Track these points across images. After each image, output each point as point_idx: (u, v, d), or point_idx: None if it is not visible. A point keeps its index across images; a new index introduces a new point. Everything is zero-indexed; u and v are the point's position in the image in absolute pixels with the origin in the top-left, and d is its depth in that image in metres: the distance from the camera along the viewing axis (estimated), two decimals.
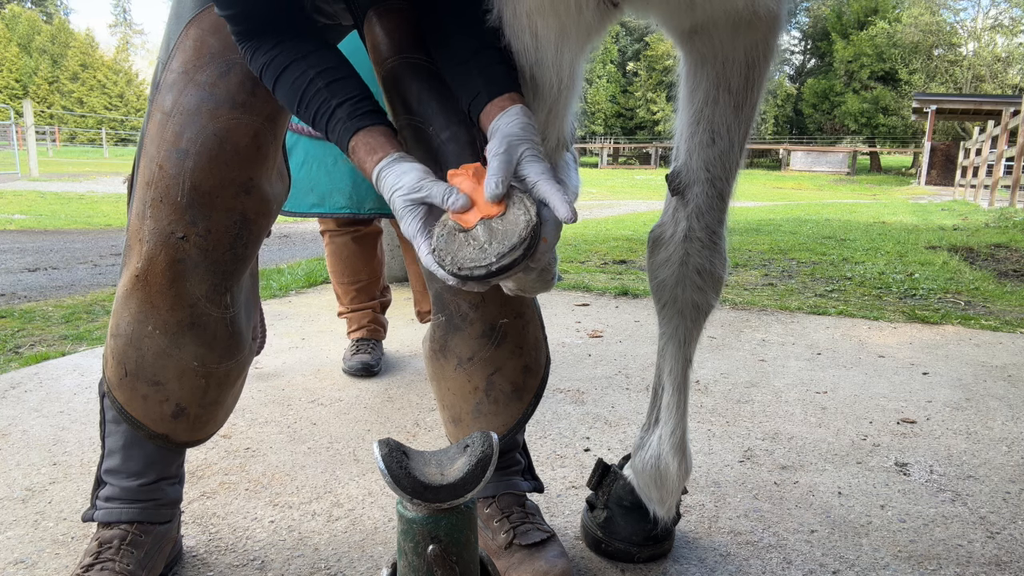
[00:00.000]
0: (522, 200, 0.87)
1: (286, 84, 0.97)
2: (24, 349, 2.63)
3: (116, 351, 1.13)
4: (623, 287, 3.82)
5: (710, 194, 1.12)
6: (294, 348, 2.65)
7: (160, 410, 1.14)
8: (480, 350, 1.18)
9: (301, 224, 7.57)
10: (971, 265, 4.98)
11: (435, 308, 1.21)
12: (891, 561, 1.32)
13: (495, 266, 0.84)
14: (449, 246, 0.88)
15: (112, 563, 1.11)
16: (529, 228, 0.84)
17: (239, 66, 1.07)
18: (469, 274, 0.85)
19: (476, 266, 0.85)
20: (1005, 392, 2.27)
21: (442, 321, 1.20)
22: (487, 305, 1.16)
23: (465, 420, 1.23)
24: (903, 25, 37.36)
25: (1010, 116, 13.40)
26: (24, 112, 16.61)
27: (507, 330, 1.18)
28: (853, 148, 35.24)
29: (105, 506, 1.18)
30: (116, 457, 1.18)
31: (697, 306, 1.18)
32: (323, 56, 0.99)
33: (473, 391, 1.20)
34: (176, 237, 1.07)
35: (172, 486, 1.23)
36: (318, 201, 2.14)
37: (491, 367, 1.19)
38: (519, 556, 1.21)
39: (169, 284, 1.08)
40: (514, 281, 0.98)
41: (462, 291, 1.15)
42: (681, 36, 1.09)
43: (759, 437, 1.88)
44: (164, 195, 1.06)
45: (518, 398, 1.22)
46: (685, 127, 1.12)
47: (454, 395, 1.23)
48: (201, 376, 1.14)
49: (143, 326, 1.10)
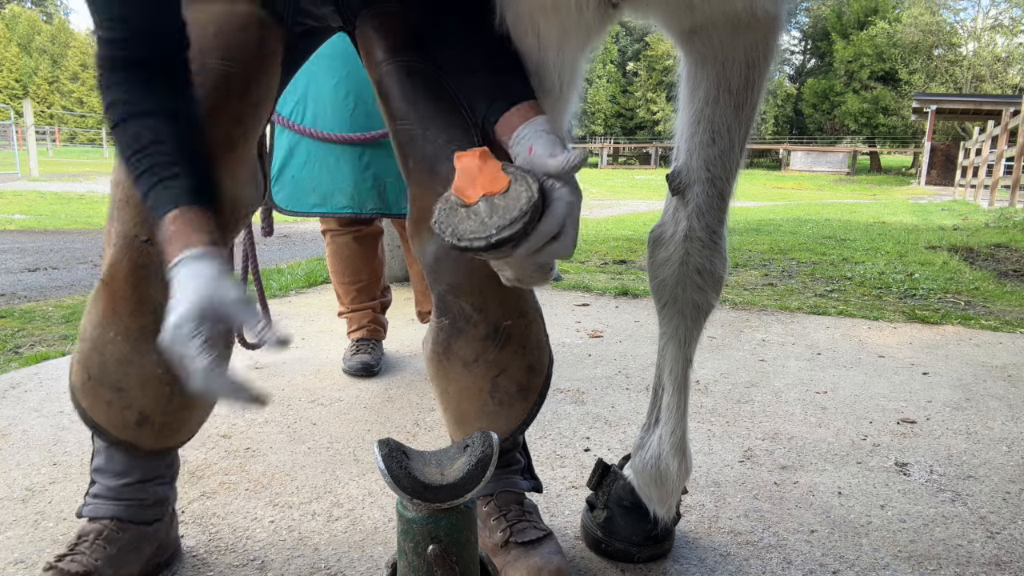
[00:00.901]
0: (524, 178, 0.87)
1: (132, 128, 0.96)
2: (24, 349, 2.63)
3: (81, 355, 1.11)
4: (623, 287, 3.82)
5: (710, 194, 1.13)
6: (294, 348, 2.65)
7: (122, 417, 1.12)
8: (484, 352, 1.17)
9: (301, 224, 7.58)
10: (971, 265, 4.98)
11: (437, 311, 1.19)
12: (891, 561, 1.32)
13: (495, 238, 0.84)
14: (450, 219, 0.88)
15: (82, 556, 1.11)
16: (530, 203, 0.84)
17: (212, 70, 1.06)
18: (469, 244, 0.85)
19: (476, 237, 0.85)
20: (1005, 392, 2.27)
21: (445, 324, 1.18)
22: (490, 307, 1.15)
23: (470, 422, 1.23)
24: (903, 25, 37.36)
25: (1010, 116, 13.40)
26: (24, 112, 16.61)
27: (511, 331, 1.18)
28: (853, 148, 35.24)
29: (92, 502, 1.19)
30: (101, 456, 1.18)
31: (697, 306, 1.18)
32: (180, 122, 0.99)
33: (478, 393, 1.19)
34: (140, 240, 1.03)
35: (159, 486, 1.21)
36: (320, 201, 2.15)
37: (496, 369, 1.18)
38: (515, 553, 1.21)
39: (132, 289, 1.05)
40: (513, 270, 0.98)
41: (465, 293, 1.14)
42: (681, 36, 1.09)
43: (759, 437, 1.88)
44: (130, 196, 1.03)
45: (523, 398, 1.22)
46: (685, 127, 1.12)
47: (458, 397, 1.22)
48: (165, 384, 1.10)
49: (106, 331, 1.08)
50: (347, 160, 2.10)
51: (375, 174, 2.10)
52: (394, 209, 2.14)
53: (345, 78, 2.06)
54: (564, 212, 0.88)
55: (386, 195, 2.12)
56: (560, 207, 0.87)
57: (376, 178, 2.11)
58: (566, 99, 1.11)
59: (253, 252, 1.95)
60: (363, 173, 2.10)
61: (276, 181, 2.15)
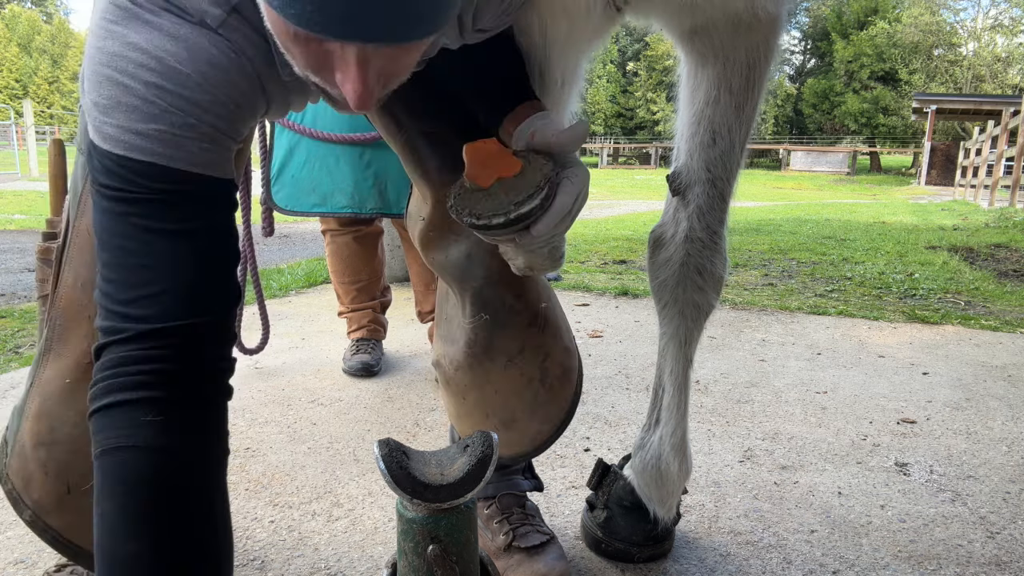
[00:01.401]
0: (536, 158, 0.88)
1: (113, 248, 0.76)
2: (24, 349, 2.63)
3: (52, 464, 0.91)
4: (623, 287, 3.82)
5: (711, 194, 1.13)
6: (294, 348, 2.65)
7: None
8: (529, 339, 1.14)
9: (301, 224, 7.57)
10: (971, 265, 4.98)
11: (474, 308, 1.14)
12: (891, 561, 1.32)
13: (514, 213, 0.84)
14: (467, 201, 0.89)
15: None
16: (546, 180, 0.85)
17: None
18: (488, 223, 0.86)
19: (496, 213, 0.85)
20: (1005, 392, 2.27)
21: (485, 320, 1.13)
22: (528, 294, 1.14)
23: (521, 418, 1.18)
24: (903, 25, 37.34)
25: (1010, 116, 13.39)
26: (24, 112, 16.62)
27: (547, 314, 1.16)
28: (853, 148, 35.22)
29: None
30: None
31: (698, 306, 1.19)
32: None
33: (527, 384, 1.16)
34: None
35: None
36: (320, 201, 2.14)
37: (541, 354, 1.16)
38: (518, 558, 1.21)
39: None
40: (525, 256, 0.97)
41: (504, 283, 1.11)
42: (682, 37, 1.09)
43: (759, 437, 1.88)
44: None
45: (568, 380, 1.20)
46: (686, 127, 1.12)
47: (505, 395, 1.17)
48: None
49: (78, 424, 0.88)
50: (347, 160, 2.10)
51: (375, 174, 2.10)
52: (394, 209, 2.14)
53: None
54: (578, 187, 0.88)
55: (386, 195, 2.12)
56: (574, 181, 0.88)
57: (376, 178, 2.11)
58: (567, 97, 1.11)
59: (253, 252, 1.95)
60: (363, 173, 2.10)
61: (276, 181, 2.15)
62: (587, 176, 0.91)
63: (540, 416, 1.18)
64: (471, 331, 1.15)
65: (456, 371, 1.19)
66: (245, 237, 1.87)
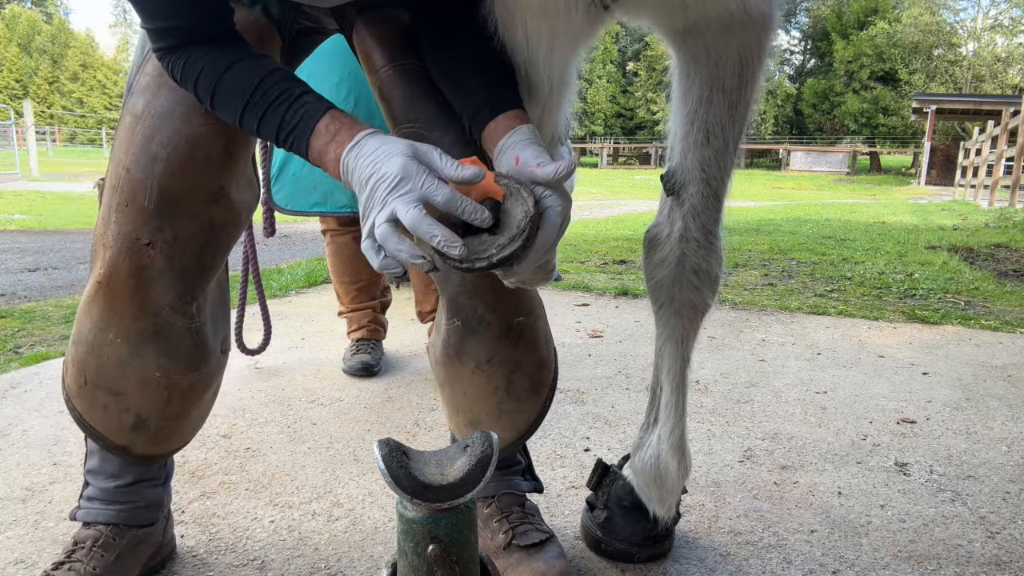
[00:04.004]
0: (519, 191, 0.87)
1: (232, 79, 0.93)
2: (24, 349, 2.63)
3: (76, 358, 1.10)
4: (623, 287, 3.83)
5: (705, 194, 1.12)
6: (294, 348, 2.65)
7: (119, 421, 1.11)
8: (499, 351, 1.16)
9: (301, 224, 7.57)
10: (971, 265, 4.98)
11: (449, 312, 1.17)
12: (891, 561, 1.32)
13: (496, 257, 0.84)
14: None
15: (80, 564, 1.10)
16: (527, 219, 0.85)
17: None
18: (471, 266, 0.85)
19: (478, 257, 0.85)
20: (1005, 392, 2.27)
21: (457, 325, 1.16)
22: (503, 306, 1.15)
23: (485, 422, 1.22)
24: (903, 25, 37.37)
25: (1010, 116, 13.40)
26: (24, 112, 16.62)
27: (522, 328, 1.17)
28: (853, 148, 35.24)
29: (87, 506, 1.18)
30: (95, 457, 1.18)
31: (694, 306, 1.19)
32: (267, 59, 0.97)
33: (494, 392, 1.19)
34: (141, 243, 1.03)
35: (153, 488, 1.21)
36: (320, 200, 2.14)
37: (510, 366, 1.17)
38: (517, 556, 1.21)
39: (133, 291, 1.05)
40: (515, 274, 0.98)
41: (478, 294, 1.13)
42: (673, 36, 1.09)
43: (759, 437, 1.88)
44: (131, 199, 1.03)
45: (537, 393, 1.22)
46: (679, 127, 1.12)
47: (472, 398, 1.21)
48: (164, 387, 1.10)
49: (104, 334, 1.07)
50: None
51: None
52: None
53: (347, 77, 2.06)
54: (558, 222, 0.89)
55: None
56: (553, 216, 0.88)
57: None
58: (557, 97, 1.11)
59: (253, 252, 1.95)
60: None
61: (276, 180, 2.15)
62: (569, 204, 0.91)
63: (504, 423, 1.21)
64: (447, 333, 1.19)
65: (436, 364, 1.24)
66: (246, 238, 1.88)
